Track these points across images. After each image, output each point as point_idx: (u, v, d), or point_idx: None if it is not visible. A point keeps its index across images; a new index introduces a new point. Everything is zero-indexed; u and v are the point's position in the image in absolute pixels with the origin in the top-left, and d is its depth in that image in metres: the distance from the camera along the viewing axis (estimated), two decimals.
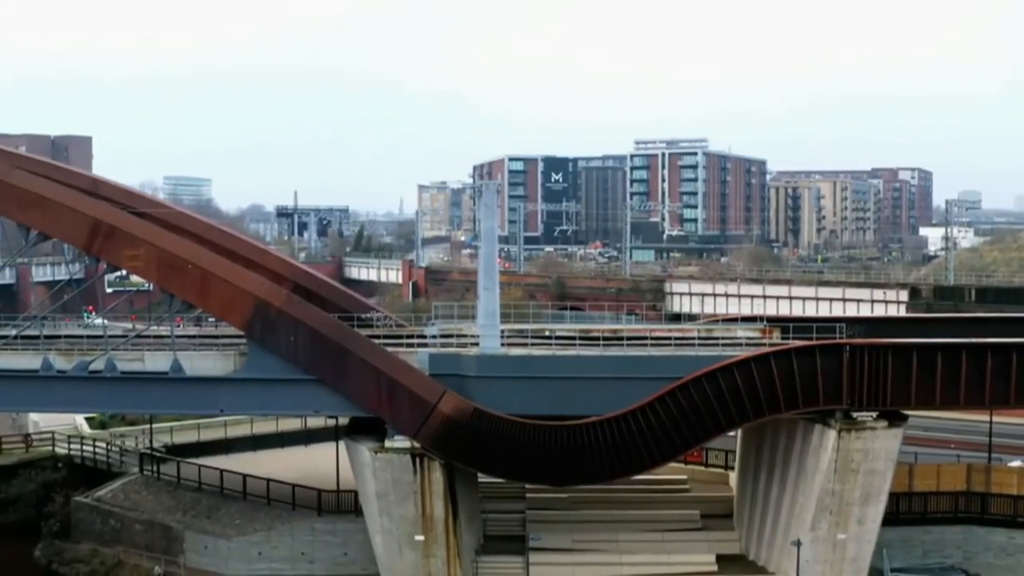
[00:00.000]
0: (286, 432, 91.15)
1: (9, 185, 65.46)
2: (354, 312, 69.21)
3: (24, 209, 65.68)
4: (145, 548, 74.40)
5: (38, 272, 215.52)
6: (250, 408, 72.75)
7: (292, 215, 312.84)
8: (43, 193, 65.55)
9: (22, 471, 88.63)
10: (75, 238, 66.28)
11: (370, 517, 65.20)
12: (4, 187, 65.38)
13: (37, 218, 65.69)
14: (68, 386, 66.60)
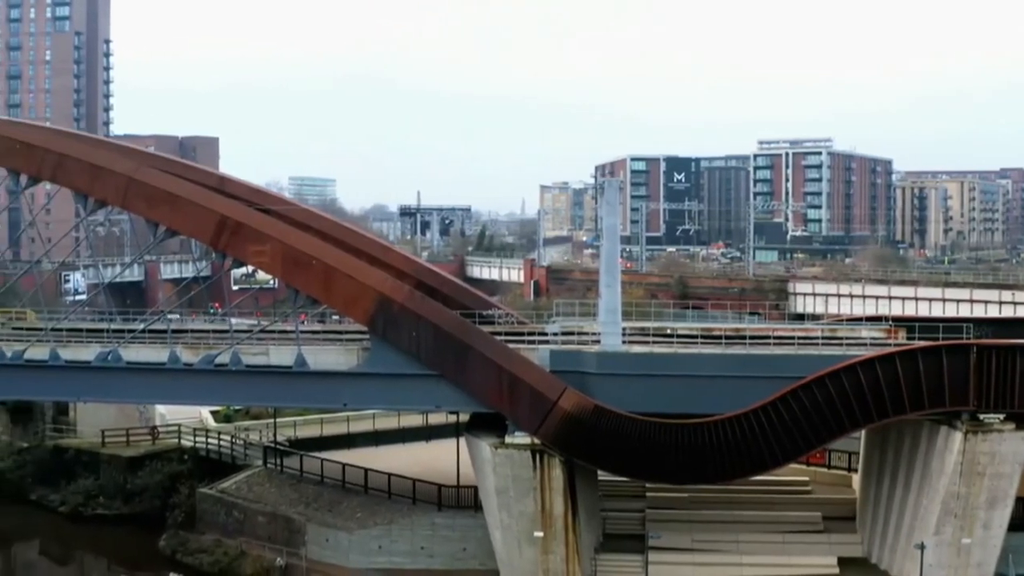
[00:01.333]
0: (407, 428, 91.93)
1: (138, 182, 66.73)
2: (476, 309, 69.44)
3: (153, 206, 66.93)
4: (267, 540, 75.34)
5: (166, 270, 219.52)
6: (372, 402, 73.34)
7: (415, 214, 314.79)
8: (171, 190, 66.72)
9: (149, 463, 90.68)
10: (202, 234, 67.34)
11: (489, 513, 65.37)
12: (134, 184, 66.67)
13: (165, 214, 66.86)
14: (194, 379, 67.83)
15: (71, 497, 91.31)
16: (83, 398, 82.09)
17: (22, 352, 69.77)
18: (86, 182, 67.73)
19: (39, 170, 68.80)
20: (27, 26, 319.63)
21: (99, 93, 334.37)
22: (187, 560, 78.29)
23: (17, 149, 68.77)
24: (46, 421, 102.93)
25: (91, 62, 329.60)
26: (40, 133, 75.57)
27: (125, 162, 69.35)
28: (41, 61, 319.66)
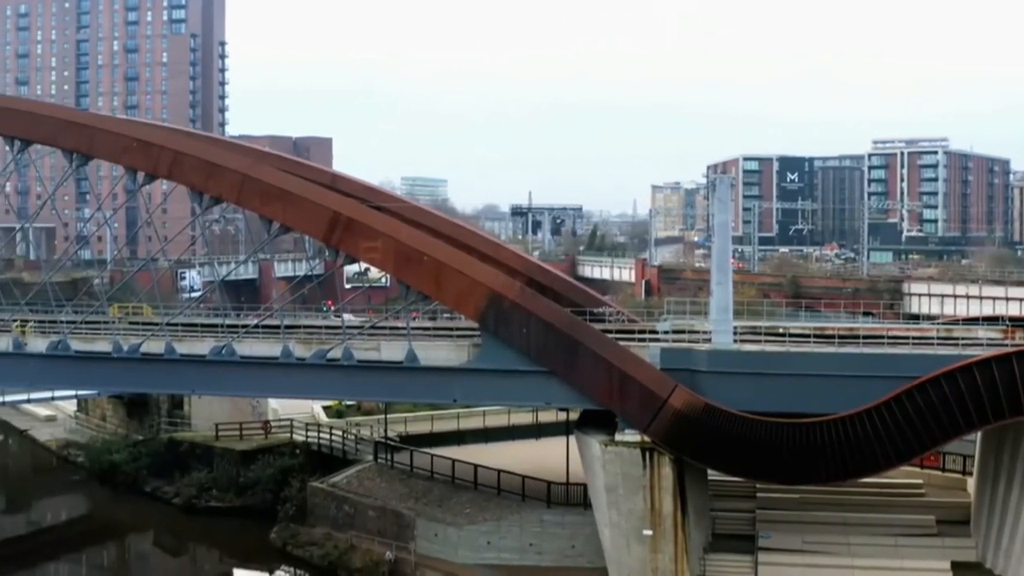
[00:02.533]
0: (517, 425, 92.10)
1: (253, 179, 67.56)
2: (586, 306, 69.29)
3: (267, 202, 67.69)
4: (377, 534, 75.84)
5: (279, 268, 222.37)
6: (483, 398, 73.48)
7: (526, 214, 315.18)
8: (285, 187, 67.42)
9: (261, 456, 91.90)
10: (315, 230, 67.99)
11: (599, 510, 65.17)
12: (249, 181, 67.50)
13: (279, 211, 67.57)
14: (306, 373, 68.60)
15: (185, 489, 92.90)
16: (197, 391, 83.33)
17: (139, 346, 71.10)
18: (202, 179, 68.68)
19: (156, 167, 69.90)
20: (144, 29, 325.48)
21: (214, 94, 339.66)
22: (297, 553, 79.14)
23: (134, 147, 69.95)
24: (161, 415, 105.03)
25: (206, 64, 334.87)
26: (156, 131, 76.79)
27: (240, 159, 70.34)
28: (158, 63, 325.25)
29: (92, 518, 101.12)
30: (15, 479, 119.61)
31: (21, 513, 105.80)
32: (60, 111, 79.89)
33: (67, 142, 71.65)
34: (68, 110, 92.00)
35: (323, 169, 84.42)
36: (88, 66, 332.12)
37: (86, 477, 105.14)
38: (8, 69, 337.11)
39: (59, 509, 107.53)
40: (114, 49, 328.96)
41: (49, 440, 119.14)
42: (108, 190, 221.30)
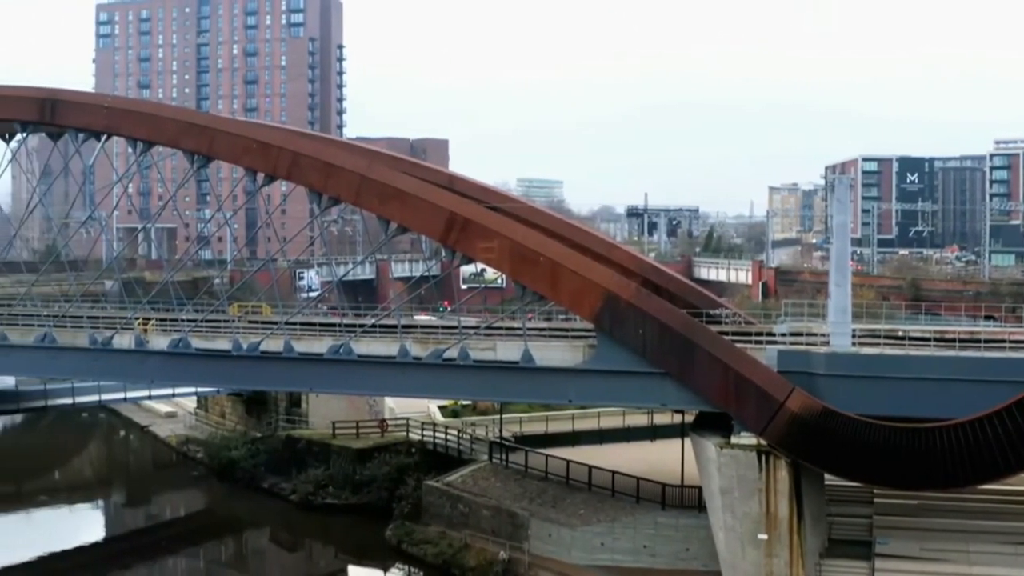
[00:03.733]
0: (632, 427, 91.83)
1: (371, 179, 68.14)
2: (702, 308, 68.85)
3: (384, 202, 68.19)
4: (491, 533, 76.04)
5: (396, 268, 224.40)
6: (598, 399, 73.27)
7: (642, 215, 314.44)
8: (402, 187, 67.88)
9: (377, 455, 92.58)
10: (432, 230, 68.33)
11: (713, 513, 64.72)
12: (366, 182, 68.10)
13: (396, 211, 68.06)
14: (423, 372, 68.98)
15: (302, 486, 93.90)
16: (315, 389, 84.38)
17: (258, 344, 72.08)
18: (320, 180, 69.43)
19: (275, 168, 70.79)
20: (263, 33, 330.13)
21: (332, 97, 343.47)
22: (412, 551, 79.56)
23: (254, 148, 70.91)
24: (279, 412, 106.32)
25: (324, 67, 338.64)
26: (275, 133, 77.86)
27: (357, 160, 71.02)
28: (277, 66, 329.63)
29: (210, 513, 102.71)
30: (136, 474, 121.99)
31: (141, 507, 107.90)
32: (181, 113, 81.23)
33: (188, 144, 72.86)
34: (189, 112, 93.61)
35: (440, 170, 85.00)
36: (208, 70, 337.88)
37: (205, 473, 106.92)
38: (130, 73, 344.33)
39: (178, 504, 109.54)
40: (234, 53, 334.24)
41: (169, 436, 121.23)
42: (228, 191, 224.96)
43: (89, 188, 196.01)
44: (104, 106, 76.72)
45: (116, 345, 76.72)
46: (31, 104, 77.08)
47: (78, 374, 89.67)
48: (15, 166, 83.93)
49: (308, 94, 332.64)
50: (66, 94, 77.83)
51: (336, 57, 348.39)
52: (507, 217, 69.26)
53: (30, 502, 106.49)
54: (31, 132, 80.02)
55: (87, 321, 79.73)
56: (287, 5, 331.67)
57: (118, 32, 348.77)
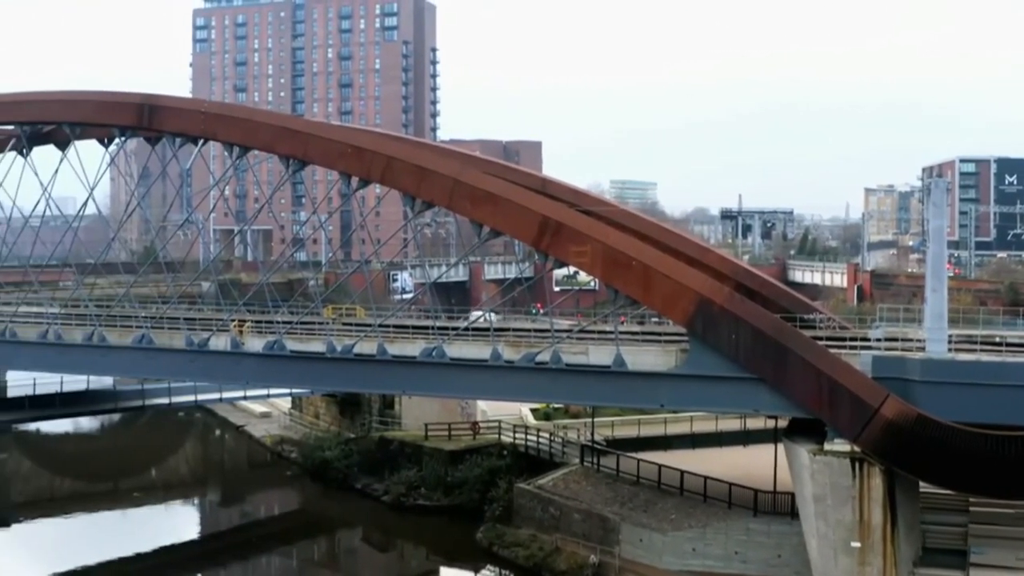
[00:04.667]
0: (725, 431, 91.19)
1: (463, 183, 68.42)
2: (796, 312, 68.34)
3: (477, 206, 68.46)
4: (582, 537, 75.93)
5: (489, 270, 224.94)
6: (690, 404, 73.07)
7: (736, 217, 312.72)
8: (495, 191, 68.10)
9: (469, 457, 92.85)
10: (525, 234, 68.44)
11: (806, 520, 64.17)
12: (458, 185, 68.40)
13: (488, 215, 68.29)
14: (514, 376, 69.11)
15: (394, 487, 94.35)
16: (408, 392, 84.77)
17: (352, 346, 72.67)
18: (413, 184, 69.88)
19: (369, 172, 71.38)
20: (357, 36, 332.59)
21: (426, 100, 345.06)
22: (503, 553, 79.66)
23: (348, 152, 71.58)
24: (372, 413, 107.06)
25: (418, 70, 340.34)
26: (369, 137, 78.42)
27: (450, 164, 71.34)
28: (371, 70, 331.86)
29: (303, 513, 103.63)
30: (231, 473, 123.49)
31: (236, 506, 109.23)
32: (277, 119, 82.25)
33: (284, 148, 73.70)
34: (284, 117, 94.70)
35: (532, 173, 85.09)
36: (303, 73, 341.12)
37: (299, 473, 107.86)
38: (227, 77, 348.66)
39: (272, 503, 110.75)
40: (328, 56, 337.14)
41: (264, 436, 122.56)
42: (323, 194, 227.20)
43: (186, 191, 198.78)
44: (201, 111, 77.89)
45: (212, 347, 77.82)
46: (129, 110, 78.42)
47: (174, 375, 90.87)
48: (113, 169, 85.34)
49: (402, 97, 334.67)
50: (163, 99, 79.05)
51: (429, 60, 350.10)
52: (600, 221, 69.20)
53: (127, 500, 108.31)
54: (129, 137, 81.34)
55: (184, 323, 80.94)
56: (381, 9, 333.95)
57: (214, 37, 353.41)
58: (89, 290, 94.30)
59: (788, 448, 65.20)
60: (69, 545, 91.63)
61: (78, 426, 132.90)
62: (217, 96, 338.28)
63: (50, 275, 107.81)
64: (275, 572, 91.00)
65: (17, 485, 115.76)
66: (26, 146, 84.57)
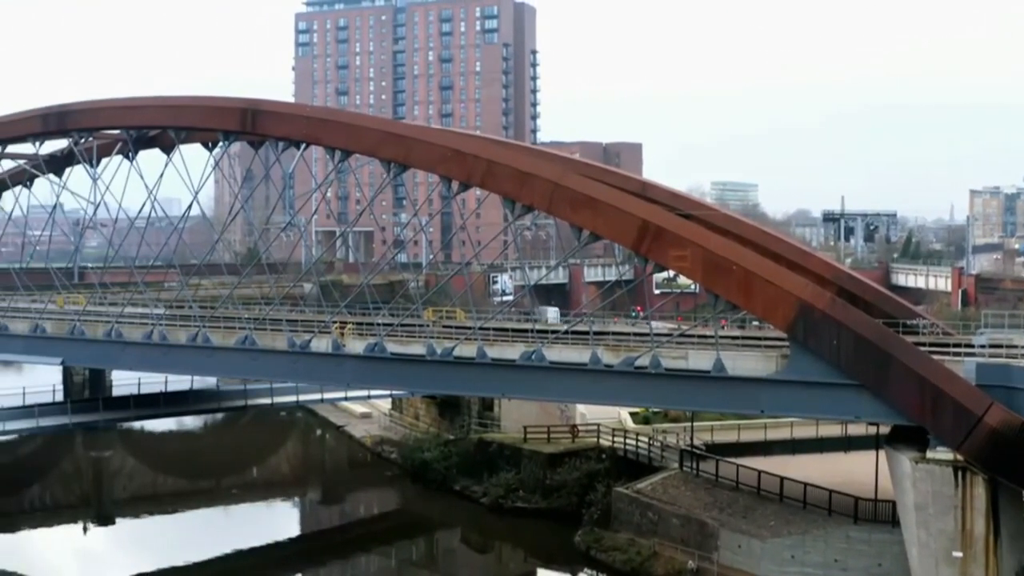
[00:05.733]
0: (826, 437, 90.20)
1: (563, 187, 68.58)
2: (898, 318, 67.64)
3: (577, 210, 68.59)
4: (680, 542, 75.63)
5: (589, 272, 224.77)
6: (790, 410, 72.53)
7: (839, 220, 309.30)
8: (594, 195, 68.17)
9: (568, 460, 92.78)
10: (624, 238, 68.41)
11: (907, 529, 63.44)
12: (559, 189, 68.57)
13: (588, 219, 68.38)
14: (613, 380, 69.16)
15: (492, 489, 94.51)
16: (507, 395, 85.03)
17: (451, 349, 73.13)
18: (514, 187, 70.17)
19: (470, 176, 71.79)
20: (458, 39, 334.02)
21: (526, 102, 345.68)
22: (600, 557, 79.53)
23: (449, 157, 72.08)
24: (472, 415, 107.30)
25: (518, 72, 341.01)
26: (469, 141, 78.83)
27: (550, 168, 71.48)
28: (471, 72, 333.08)
29: (402, 513, 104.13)
30: (331, 473, 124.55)
31: (336, 505, 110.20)
32: (378, 123, 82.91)
33: (386, 153, 74.38)
34: (386, 121, 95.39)
35: (632, 176, 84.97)
36: (404, 76, 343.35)
37: (398, 473, 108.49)
38: (329, 80, 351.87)
39: (371, 503, 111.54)
40: (429, 59, 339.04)
41: (364, 436, 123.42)
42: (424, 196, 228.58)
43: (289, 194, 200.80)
44: (303, 116, 78.92)
45: (314, 348, 78.78)
46: (233, 115, 79.68)
47: (277, 376, 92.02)
48: (217, 171, 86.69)
49: (502, 99, 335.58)
50: (266, 104, 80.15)
51: (529, 62, 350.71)
52: (700, 225, 69.01)
53: (229, 498, 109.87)
54: (233, 141, 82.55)
55: (286, 324, 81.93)
56: (481, 12, 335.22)
57: (316, 41, 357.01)
58: (193, 291, 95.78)
59: (889, 455, 64.56)
60: (171, 542, 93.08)
61: (181, 424, 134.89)
62: (319, 99, 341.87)
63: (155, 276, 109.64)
64: (374, 572, 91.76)
65: (121, 482, 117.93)
66: (132, 150, 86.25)
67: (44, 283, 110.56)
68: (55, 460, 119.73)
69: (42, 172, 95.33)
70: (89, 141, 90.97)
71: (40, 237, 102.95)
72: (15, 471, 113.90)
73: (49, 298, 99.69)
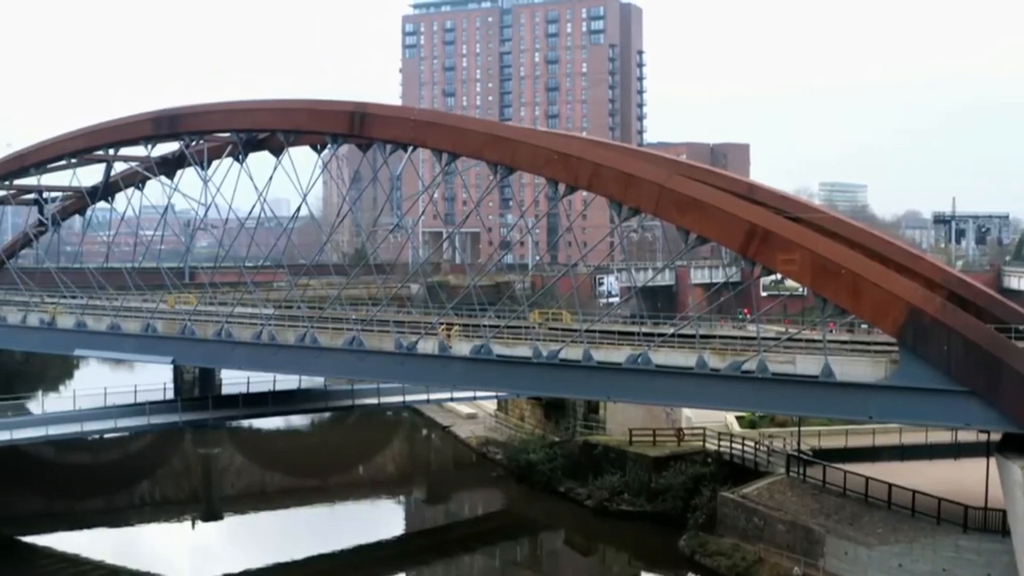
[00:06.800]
0: (935, 444, 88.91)
1: (669, 190, 68.35)
2: (1011, 323, 66.49)
3: (682, 213, 68.33)
4: (786, 548, 75.03)
5: (696, 274, 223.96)
6: (899, 417, 71.45)
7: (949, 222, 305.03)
8: (701, 198, 67.85)
9: (673, 463, 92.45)
10: (731, 242, 67.97)
11: (1017, 539, 62.19)
12: (665, 192, 68.35)
13: (695, 221, 68.09)
14: (720, 384, 68.72)
15: (597, 492, 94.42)
16: (612, 398, 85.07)
17: (557, 352, 73.23)
18: (620, 190, 70.06)
19: (576, 179, 71.82)
20: (564, 40, 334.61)
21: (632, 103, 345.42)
22: (704, 562, 79.17)
23: (555, 160, 72.15)
24: (577, 417, 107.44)
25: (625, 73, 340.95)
26: (575, 143, 78.90)
27: (656, 171, 71.26)
28: (577, 73, 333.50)
29: (507, 514, 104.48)
30: (436, 473, 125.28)
31: (440, 505, 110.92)
32: (484, 126, 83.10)
33: (491, 155, 74.76)
34: (492, 124, 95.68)
35: (739, 178, 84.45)
36: (511, 77, 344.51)
37: (503, 474, 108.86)
38: (435, 82, 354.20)
39: (476, 503, 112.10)
40: (535, 60, 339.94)
41: (469, 437, 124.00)
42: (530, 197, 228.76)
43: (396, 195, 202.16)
44: (410, 119, 79.48)
45: (420, 350, 79.28)
46: (341, 118, 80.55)
47: (384, 377, 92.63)
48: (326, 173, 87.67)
49: (608, 100, 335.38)
50: (374, 108, 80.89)
51: (636, 63, 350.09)
52: (807, 227, 68.41)
53: (335, 496, 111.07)
54: (341, 144, 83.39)
55: (393, 325, 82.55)
56: (588, 13, 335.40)
57: (423, 43, 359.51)
58: (301, 291, 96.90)
59: (1000, 463, 63.48)
60: (278, 538, 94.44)
61: (289, 422, 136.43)
62: (426, 101, 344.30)
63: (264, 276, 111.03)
64: (478, 572, 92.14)
65: (229, 479, 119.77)
66: (242, 152, 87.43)
67: (155, 283, 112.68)
68: (165, 457, 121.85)
69: (154, 174, 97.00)
70: (199, 144, 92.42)
71: (152, 237, 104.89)
72: (126, 467, 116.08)
73: (160, 298, 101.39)
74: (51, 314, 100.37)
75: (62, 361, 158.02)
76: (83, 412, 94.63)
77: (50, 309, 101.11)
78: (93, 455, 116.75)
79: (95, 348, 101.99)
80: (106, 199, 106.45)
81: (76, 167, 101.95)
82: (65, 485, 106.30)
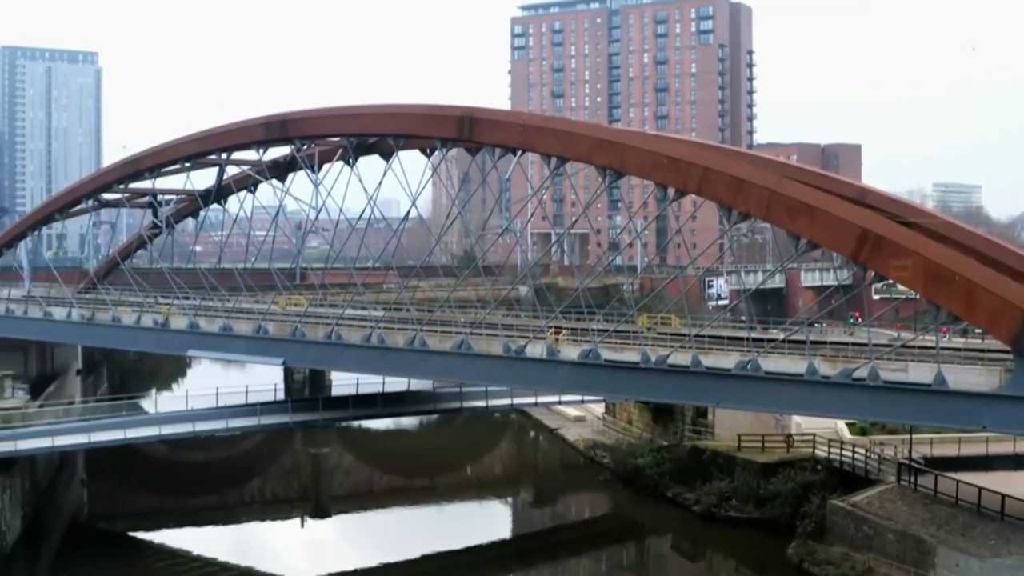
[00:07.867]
0: None
1: (780, 195, 67.65)
2: None
3: (793, 218, 67.61)
4: (895, 558, 73.98)
5: (806, 277, 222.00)
6: (1014, 427, 69.85)
7: None
8: (811, 202, 67.07)
9: (782, 470, 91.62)
10: (842, 247, 67.13)
11: None
12: (775, 197, 67.69)
13: (805, 226, 67.32)
14: (830, 392, 67.76)
15: (705, 497, 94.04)
16: (721, 404, 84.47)
17: (666, 358, 72.92)
18: (729, 195, 69.55)
19: (685, 183, 71.39)
20: (673, 41, 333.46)
21: (742, 103, 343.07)
22: (813, 570, 78.25)
23: (664, 163, 71.76)
24: (685, 422, 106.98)
25: (734, 73, 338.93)
26: (685, 147, 78.53)
27: (766, 175, 70.58)
28: (687, 74, 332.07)
29: (614, 518, 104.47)
30: (543, 475, 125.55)
31: (547, 507, 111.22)
32: (593, 130, 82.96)
33: (600, 160, 74.61)
34: (601, 128, 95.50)
35: (850, 182, 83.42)
36: (619, 78, 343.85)
37: (610, 478, 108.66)
38: (544, 83, 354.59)
39: (583, 506, 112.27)
40: (644, 61, 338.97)
41: (577, 440, 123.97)
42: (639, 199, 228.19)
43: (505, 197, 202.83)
44: (519, 124, 79.62)
45: (528, 354, 79.29)
46: (450, 122, 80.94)
47: (491, 380, 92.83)
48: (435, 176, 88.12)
49: (718, 101, 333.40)
50: (482, 112, 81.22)
51: (746, 63, 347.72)
52: (920, 233, 67.42)
53: (443, 496, 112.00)
54: (450, 148, 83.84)
55: (501, 329, 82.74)
56: (696, 13, 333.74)
57: (532, 44, 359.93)
58: (411, 293, 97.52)
59: None
60: (386, 537, 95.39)
61: (398, 423, 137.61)
62: (535, 102, 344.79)
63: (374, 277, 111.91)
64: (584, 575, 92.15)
65: (338, 478, 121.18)
66: (352, 156, 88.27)
67: (266, 283, 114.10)
68: (275, 456, 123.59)
69: (266, 178, 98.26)
70: (310, 148, 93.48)
71: (264, 239, 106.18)
72: (237, 465, 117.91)
73: (271, 299, 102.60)
74: (164, 315, 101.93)
75: (175, 360, 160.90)
76: (195, 412, 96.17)
77: (164, 310, 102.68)
78: (205, 453, 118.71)
79: (207, 349, 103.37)
80: (218, 202, 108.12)
81: (189, 171, 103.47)
82: (177, 482, 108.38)
